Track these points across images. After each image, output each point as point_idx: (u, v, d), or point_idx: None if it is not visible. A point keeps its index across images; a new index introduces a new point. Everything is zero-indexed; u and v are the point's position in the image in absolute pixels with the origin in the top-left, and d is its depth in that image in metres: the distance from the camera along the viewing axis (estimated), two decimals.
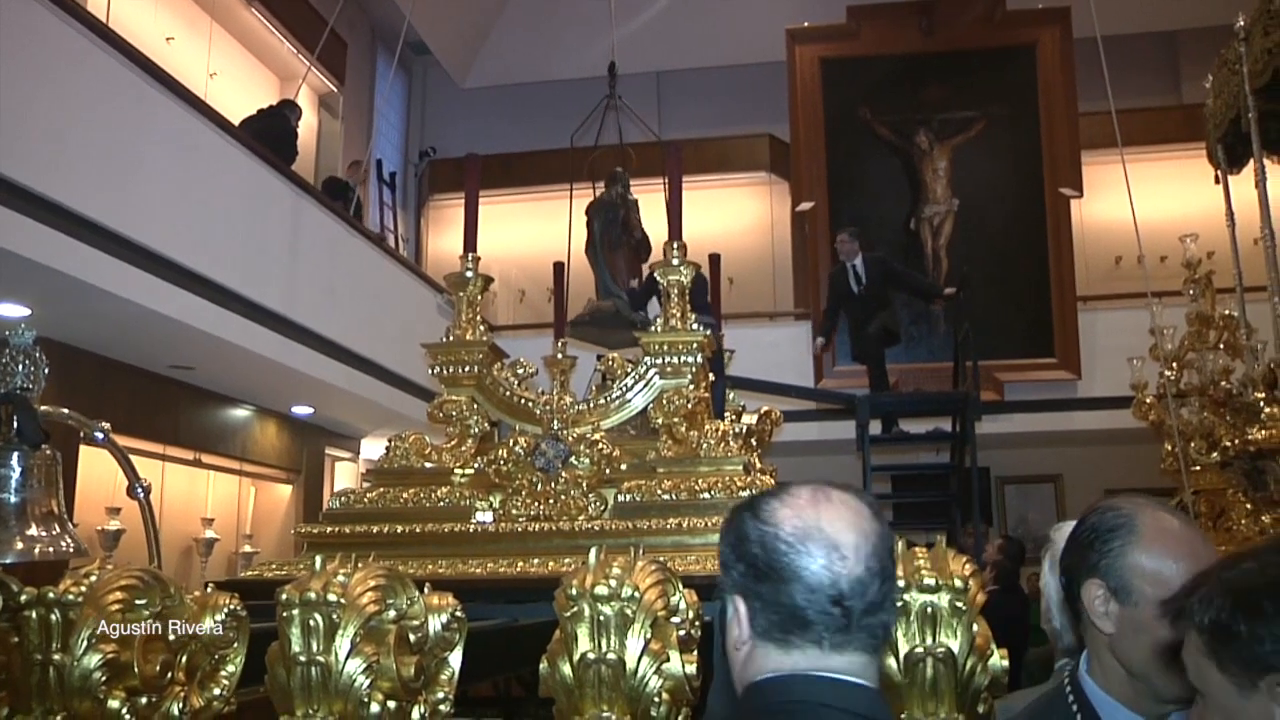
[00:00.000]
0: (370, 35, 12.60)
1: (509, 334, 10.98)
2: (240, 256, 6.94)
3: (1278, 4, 6.22)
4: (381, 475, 3.36)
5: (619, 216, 7.67)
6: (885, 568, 1.17)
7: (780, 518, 1.19)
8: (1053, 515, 11.08)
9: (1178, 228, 7.41)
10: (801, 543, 1.16)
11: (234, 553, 8.73)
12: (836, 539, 1.16)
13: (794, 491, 1.22)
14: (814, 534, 1.16)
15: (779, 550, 1.17)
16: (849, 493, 1.23)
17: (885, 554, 1.18)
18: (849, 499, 1.21)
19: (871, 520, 1.20)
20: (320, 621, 1.60)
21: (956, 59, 11.19)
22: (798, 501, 1.20)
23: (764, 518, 1.20)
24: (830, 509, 1.19)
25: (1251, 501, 5.95)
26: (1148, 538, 1.48)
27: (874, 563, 1.16)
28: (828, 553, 1.15)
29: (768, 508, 1.21)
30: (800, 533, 1.17)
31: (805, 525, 1.17)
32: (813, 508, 1.19)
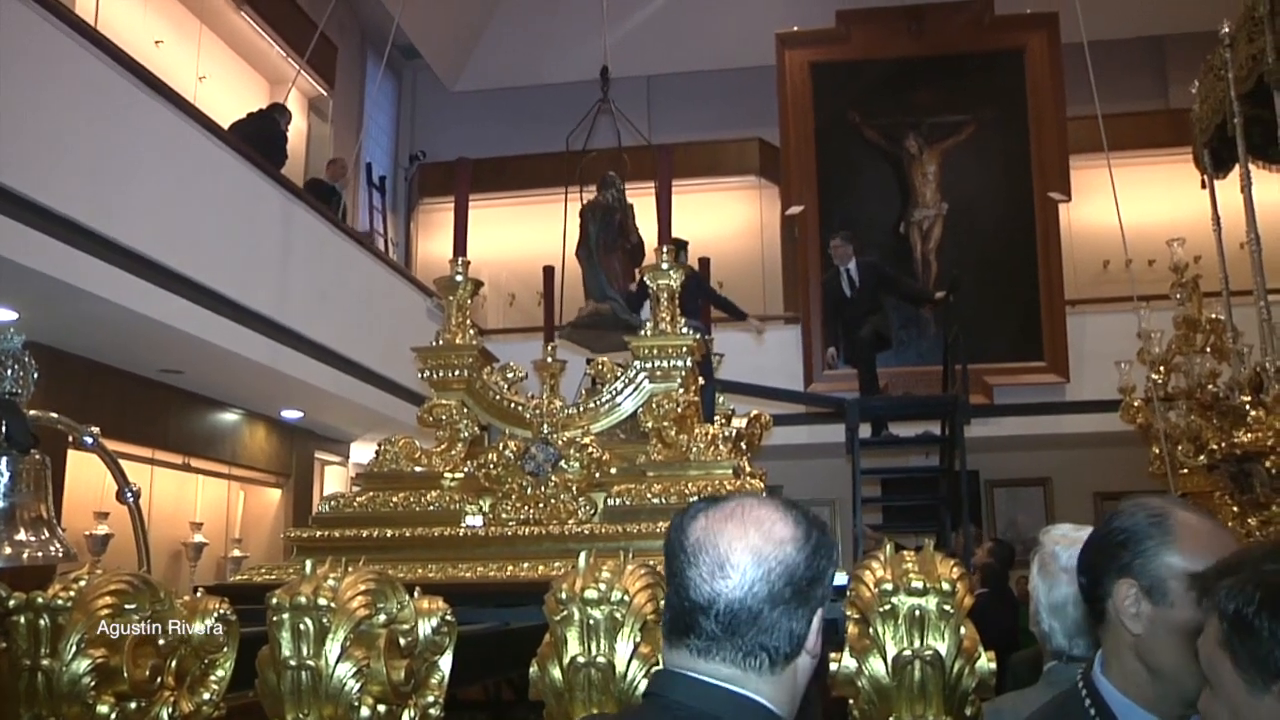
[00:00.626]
0: (360, 39, 12.59)
1: (499, 338, 10.98)
2: (229, 260, 6.93)
3: (1261, 11, 6.27)
4: (371, 479, 3.36)
5: (615, 220, 7.67)
6: (777, 595, 1.16)
7: (692, 527, 1.22)
8: (1042, 518, 11.12)
9: (1165, 232, 7.46)
10: (694, 554, 1.19)
11: (223, 557, 8.71)
12: (726, 558, 1.17)
13: (723, 504, 1.24)
14: (708, 549, 1.18)
15: (677, 557, 1.21)
16: (778, 511, 1.22)
17: (783, 584, 1.17)
18: (769, 519, 1.21)
19: (780, 545, 1.18)
20: (310, 626, 1.60)
21: (945, 63, 11.23)
22: (716, 514, 1.22)
23: (684, 524, 1.23)
24: (735, 527, 1.19)
25: (1238, 504, 5.98)
26: (1183, 538, 1.48)
27: (761, 588, 1.16)
28: (713, 569, 1.17)
29: (692, 515, 1.24)
30: (696, 545, 1.19)
31: (703, 539, 1.20)
32: (721, 522, 1.20)
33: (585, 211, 7.51)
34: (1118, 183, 7.34)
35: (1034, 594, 1.99)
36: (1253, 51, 6.46)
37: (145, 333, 6.38)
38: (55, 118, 5.49)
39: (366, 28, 12.48)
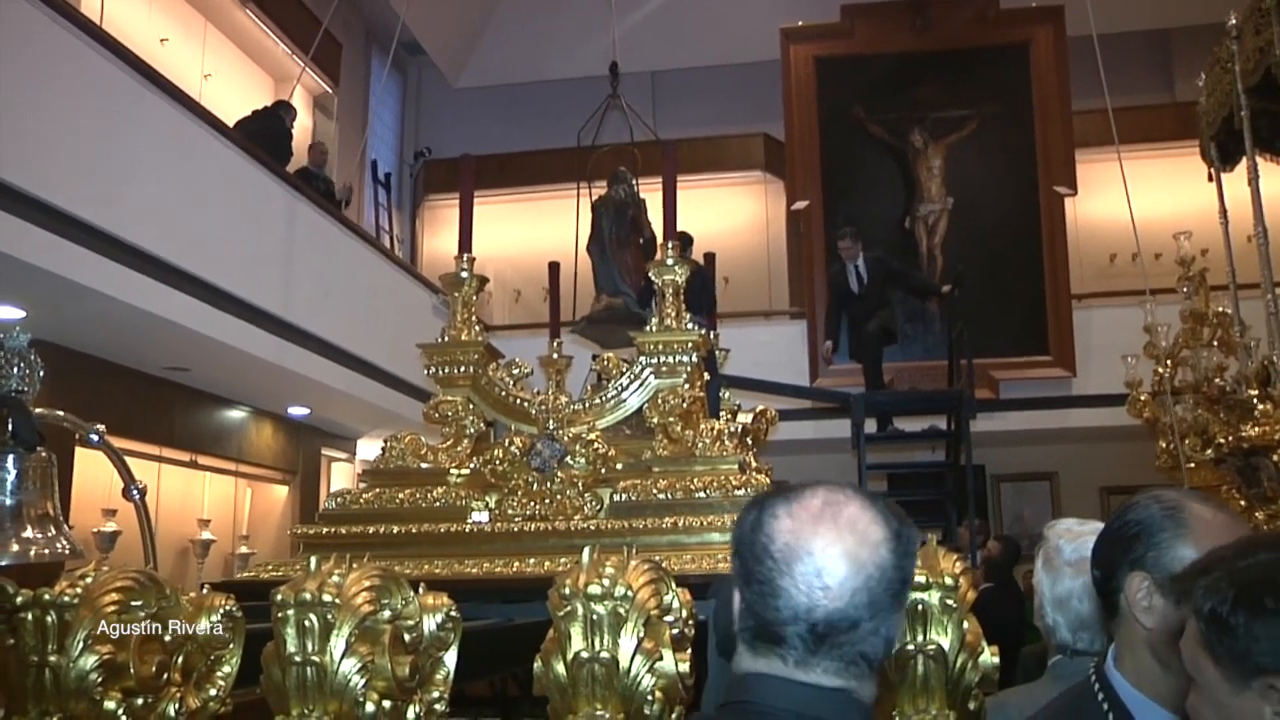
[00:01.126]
0: (365, 36, 12.60)
1: (504, 334, 10.97)
2: (235, 258, 6.94)
3: (1268, 2, 6.24)
4: (377, 476, 3.36)
5: (628, 215, 7.68)
6: (877, 602, 1.11)
7: (776, 529, 1.14)
8: (1048, 513, 11.09)
9: (1172, 225, 7.44)
10: (788, 563, 1.11)
11: (230, 554, 8.73)
12: (824, 567, 1.10)
13: (806, 499, 1.16)
14: (802, 557, 1.11)
15: (765, 564, 1.13)
16: (868, 510, 1.15)
17: (881, 590, 1.11)
18: (861, 519, 1.14)
19: (877, 549, 1.12)
20: (315, 622, 1.60)
21: (950, 57, 11.21)
22: (802, 513, 1.14)
23: (764, 522, 1.15)
24: (830, 530, 1.12)
25: (1245, 498, 5.97)
26: (1197, 530, 1.46)
27: (862, 598, 1.10)
28: (811, 581, 1.10)
29: (772, 512, 1.16)
30: (788, 551, 1.12)
31: (796, 545, 1.12)
32: (813, 525, 1.13)
33: (597, 207, 7.50)
34: (1124, 176, 7.33)
35: (1038, 588, 1.99)
36: (1260, 44, 6.44)
37: (151, 330, 6.40)
38: (60, 116, 5.50)
39: (371, 25, 12.49)
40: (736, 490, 3.01)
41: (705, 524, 2.95)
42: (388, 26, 11.29)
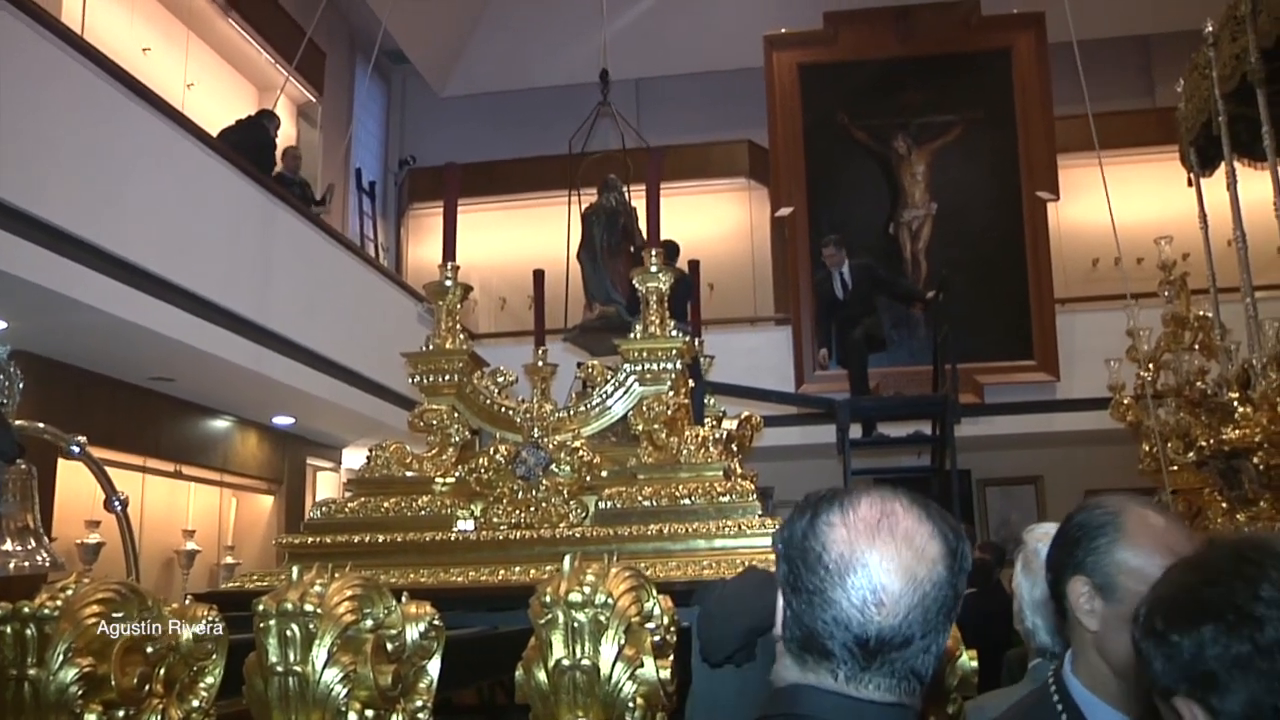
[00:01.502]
0: (349, 44, 12.60)
1: (489, 342, 11.00)
2: (219, 268, 6.93)
3: (1244, 10, 6.30)
4: (362, 485, 3.36)
5: (620, 223, 7.70)
6: (930, 620, 1.08)
7: (830, 538, 1.10)
8: (1034, 516, 11.13)
9: (1153, 230, 7.49)
10: (841, 574, 1.08)
11: (216, 564, 8.70)
12: (880, 582, 1.07)
13: (860, 506, 1.12)
14: (858, 569, 1.08)
15: (817, 573, 1.09)
16: (925, 523, 1.11)
17: (935, 608, 1.08)
18: (918, 531, 1.10)
19: (934, 566, 1.09)
20: (297, 631, 1.60)
21: (933, 64, 11.26)
22: (858, 522, 1.11)
23: (817, 529, 1.12)
24: (887, 543, 1.09)
25: (1227, 500, 6.01)
26: (1132, 534, 1.48)
27: (917, 615, 1.07)
28: (865, 595, 1.07)
29: (825, 518, 1.12)
30: (843, 563, 1.09)
31: (852, 556, 1.09)
32: (868, 536, 1.09)
33: (589, 215, 7.50)
34: (1106, 181, 7.37)
35: (1018, 591, 2.00)
36: (1236, 50, 6.50)
37: (136, 341, 6.38)
38: (43, 126, 5.48)
39: (355, 33, 12.48)
40: (721, 497, 3.02)
41: (690, 531, 2.96)
42: (371, 35, 11.29)
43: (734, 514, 2.98)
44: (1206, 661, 0.98)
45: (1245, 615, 0.97)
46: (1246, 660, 0.96)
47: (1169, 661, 1.02)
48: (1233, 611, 0.98)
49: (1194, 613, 1.00)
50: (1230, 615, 0.98)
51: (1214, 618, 0.99)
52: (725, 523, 2.96)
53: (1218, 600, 0.99)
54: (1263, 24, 6.14)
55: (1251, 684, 0.96)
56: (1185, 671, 1.00)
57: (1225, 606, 0.99)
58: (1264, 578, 0.98)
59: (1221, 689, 0.97)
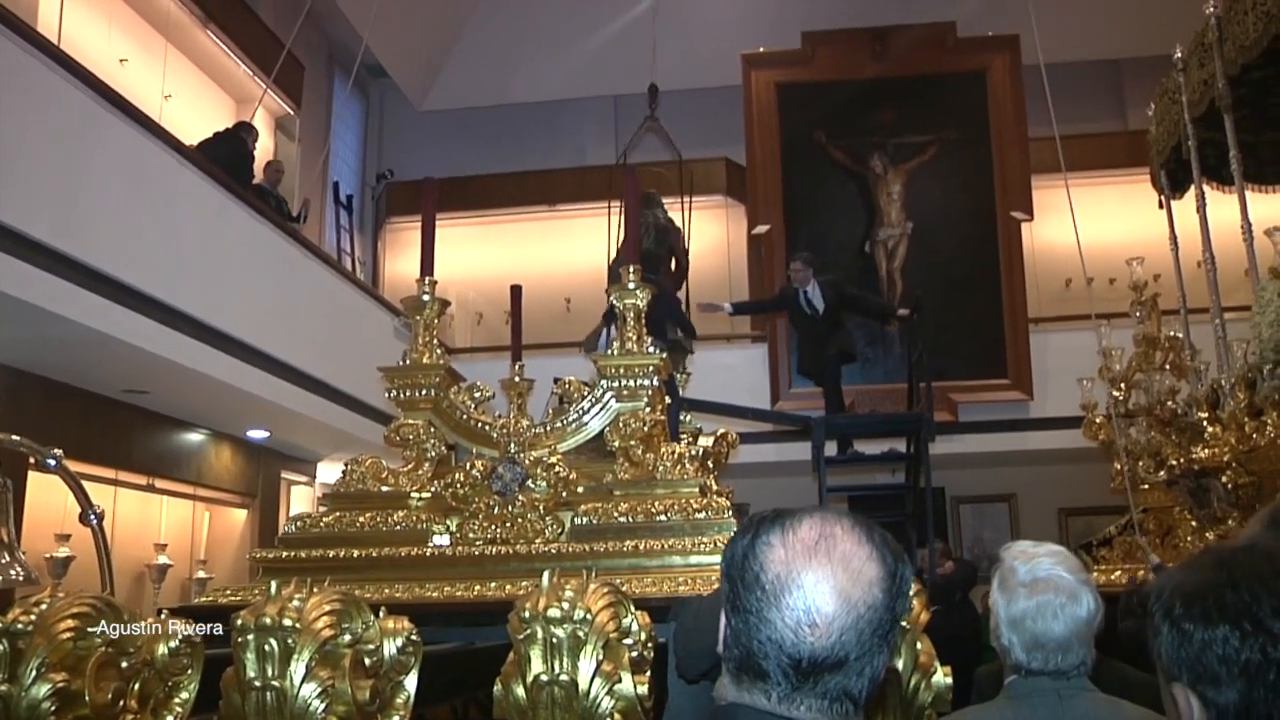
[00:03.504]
0: (327, 58, 12.58)
1: (466, 357, 10.98)
2: (196, 280, 6.90)
3: (1210, 37, 6.40)
4: (338, 499, 3.35)
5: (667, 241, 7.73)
6: (865, 642, 1.08)
7: (769, 558, 1.10)
8: (1008, 534, 11.20)
9: (1125, 250, 7.57)
10: (777, 595, 1.08)
11: (188, 579, 8.62)
12: (814, 603, 1.07)
13: (799, 528, 1.12)
14: (793, 590, 1.07)
15: (755, 593, 1.09)
16: (864, 543, 1.11)
17: (870, 630, 1.08)
18: (856, 553, 1.10)
19: (870, 588, 1.09)
20: (275, 646, 1.60)
21: (910, 84, 11.37)
22: (796, 543, 1.10)
23: (757, 550, 1.12)
24: (823, 564, 1.08)
25: (1196, 519, 6.07)
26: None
27: (850, 637, 1.07)
28: (799, 616, 1.07)
29: (765, 539, 1.12)
30: (780, 584, 1.08)
31: (788, 577, 1.08)
32: (806, 557, 1.09)
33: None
34: (1079, 202, 7.46)
35: (994, 609, 2.02)
36: (1204, 76, 6.61)
37: (109, 352, 6.34)
38: (17, 136, 5.45)
39: (334, 47, 12.47)
40: (697, 514, 3.03)
41: (666, 547, 2.97)
42: (350, 48, 11.28)
43: (710, 530, 3.00)
44: (1213, 659, 1.00)
45: (1262, 627, 0.99)
46: (1255, 669, 0.99)
47: (1178, 648, 1.04)
48: (1250, 620, 1.00)
49: (1213, 611, 1.02)
50: (1247, 623, 1.00)
51: (1231, 622, 1.01)
52: (701, 539, 2.97)
53: (1239, 606, 1.01)
54: (1229, 52, 6.25)
55: (1252, 690, 0.98)
56: (1191, 662, 1.02)
57: (1244, 614, 1.00)
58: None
59: (1223, 687, 1.00)
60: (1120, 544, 6.93)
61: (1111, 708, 1.93)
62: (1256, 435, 5.50)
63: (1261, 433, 5.45)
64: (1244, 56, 6.14)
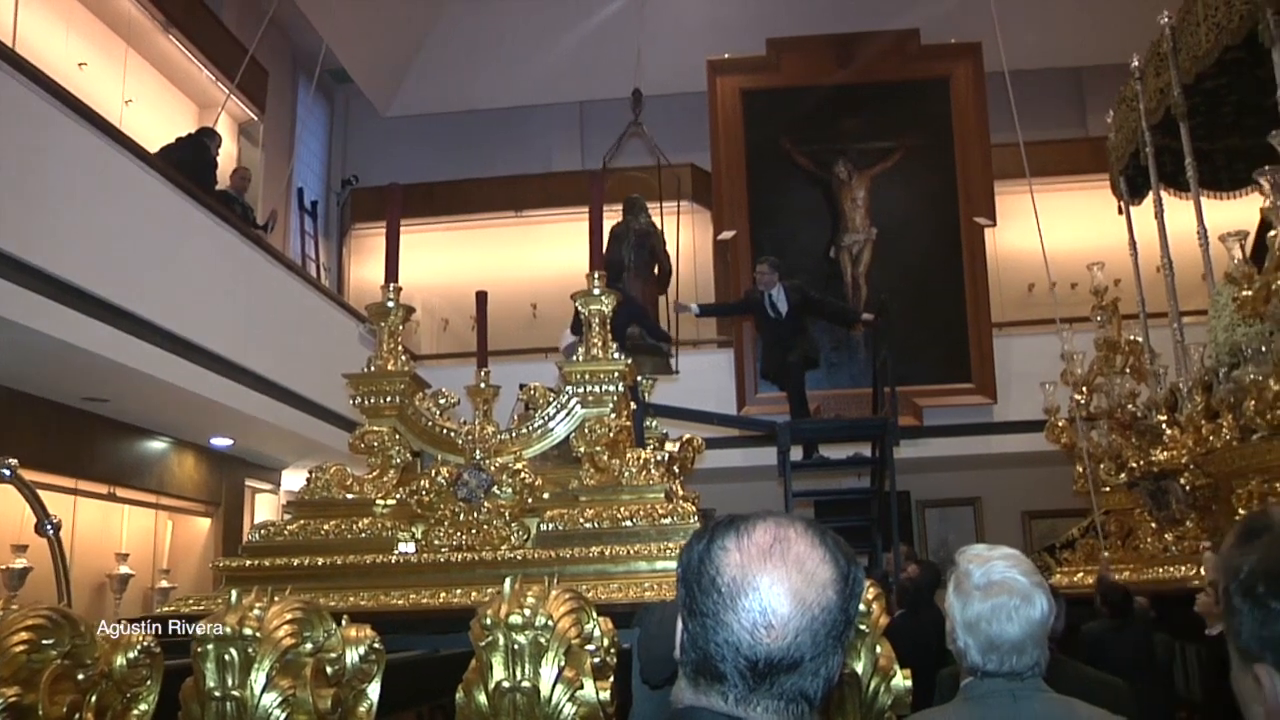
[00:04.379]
0: (291, 63, 12.50)
1: (432, 363, 10.93)
2: (157, 287, 6.83)
3: (1166, 47, 6.51)
4: (302, 507, 3.33)
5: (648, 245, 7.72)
6: (819, 643, 1.09)
7: (724, 562, 1.11)
8: (973, 538, 11.28)
9: (1087, 256, 7.66)
10: (733, 597, 1.09)
11: (150, 589, 8.52)
12: (769, 605, 1.08)
13: (754, 532, 1.13)
14: (749, 593, 1.09)
15: (711, 596, 1.11)
16: (817, 548, 1.13)
17: (824, 631, 1.09)
18: (810, 556, 1.12)
19: (824, 590, 1.10)
20: (235, 656, 1.59)
21: (874, 91, 11.45)
22: (750, 548, 1.12)
23: (712, 554, 1.13)
24: (778, 567, 1.10)
25: (1156, 520, 6.15)
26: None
27: (805, 638, 1.08)
28: (754, 618, 1.08)
29: (720, 543, 1.13)
30: (735, 587, 1.10)
31: (743, 580, 1.10)
32: (761, 560, 1.10)
33: (617, 234, 7.43)
34: (1041, 208, 7.54)
35: (950, 612, 2.03)
36: (1161, 85, 6.72)
37: (69, 360, 6.25)
38: None
39: (297, 52, 12.39)
40: (663, 519, 3.03)
41: (632, 553, 2.98)
42: (314, 54, 11.22)
43: (675, 536, 3.00)
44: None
45: None
46: None
47: (1262, 627, 1.01)
48: None
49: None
50: None
51: None
52: (667, 544, 2.97)
53: None
54: (1184, 61, 6.36)
55: None
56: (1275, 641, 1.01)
57: None
58: None
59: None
60: (1083, 546, 7.01)
61: (1065, 707, 1.96)
62: (1213, 438, 5.59)
63: (1218, 435, 5.54)
64: (1197, 66, 6.25)
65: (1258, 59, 5.95)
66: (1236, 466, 5.38)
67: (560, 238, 11.50)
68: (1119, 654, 4.88)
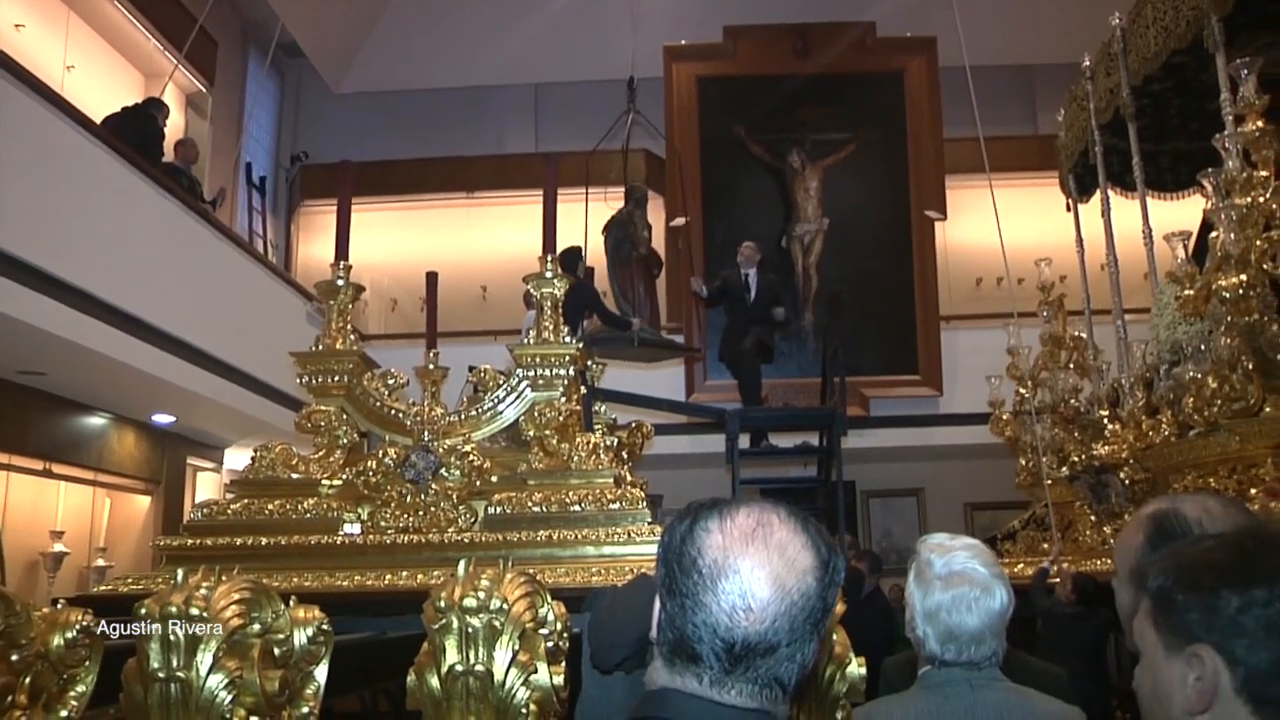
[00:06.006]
0: (242, 35, 12.27)
1: (380, 344, 10.82)
2: (100, 259, 6.68)
3: (1115, 48, 6.61)
4: (246, 486, 3.28)
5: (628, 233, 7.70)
6: (797, 629, 1.10)
7: (706, 543, 1.13)
8: (916, 528, 11.43)
9: (1034, 251, 7.75)
10: (714, 579, 1.10)
11: (86, 567, 8.36)
12: (750, 589, 1.09)
13: (737, 516, 1.15)
14: (729, 575, 1.10)
15: (692, 577, 1.12)
16: (800, 533, 1.14)
17: (803, 617, 1.10)
18: (792, 542, 1.13)
19: (803, 576, 1.11)
20: (181, 636, 1.56)
21: (829, 82, 11.49)
22: (733, 530, 1.13)
23: (695, 535, 1.14)
24: (759, 552, 1.11)
25: (1095, 514, 6.26)
26: None
27: (783, 623, 1.09)
28: (734, 601, 1.09)
29: (703, 525, 1.15)
30: (716, 569, 1.11)
31: (724, 563, 1.11)
32: (743, 543, 1.12)
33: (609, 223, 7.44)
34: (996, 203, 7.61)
35: (910, 601, 2.04)
36: (1110, 85, 6.83)
37: (4, 332, 6.11)
38: None
39: (248, 24, 12.17)
40: (611, 504, 3.03)
41: (580, 537, 2.97)
42: (267, 27, 11.03)
43: (623, 521, 3.00)
44: (1247, 620, 1.07)
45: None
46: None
47: (1210, 614, 1.09)
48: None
49: (1250, 576, 1.09)
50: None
51: (1266, 584, 1.08)
52: (615, 530, 2.97)
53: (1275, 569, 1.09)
54: (1133, 63, 6.47)
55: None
56: (1224, 625, 1.09)
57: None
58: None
59: (1254, 646, 1.07)
60: (1024, 538, 7.12)
61: (1020, 696, 1.98)
62: (1153, 433, 5.70)
63: (1157, 431, 5.65)
64: (1146, 68, 6.36)
65: (1202, 64, 6.07)
66: (1174, 462, 5.50)
67: (512, 220, 11.43)
68: (1079, 641, 5.00)
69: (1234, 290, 4.73)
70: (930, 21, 10.68)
